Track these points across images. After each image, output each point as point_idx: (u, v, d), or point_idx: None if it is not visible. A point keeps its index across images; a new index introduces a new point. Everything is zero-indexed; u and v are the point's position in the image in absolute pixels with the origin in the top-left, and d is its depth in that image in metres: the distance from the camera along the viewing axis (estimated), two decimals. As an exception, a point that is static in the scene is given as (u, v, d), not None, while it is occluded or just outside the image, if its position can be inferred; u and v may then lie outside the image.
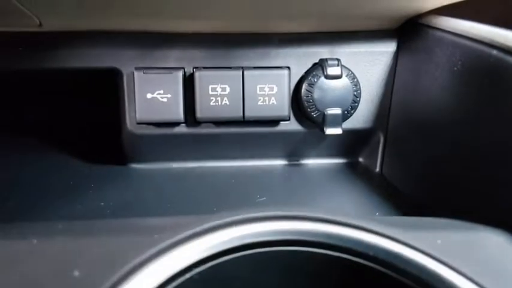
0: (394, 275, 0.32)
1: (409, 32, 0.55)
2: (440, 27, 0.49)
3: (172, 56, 0.55)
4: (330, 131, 0.55)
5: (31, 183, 0.56)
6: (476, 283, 0.30)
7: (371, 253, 0.33)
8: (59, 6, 0.48)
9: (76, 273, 0.28)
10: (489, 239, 0.35)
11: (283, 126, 0.58)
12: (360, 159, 0.63)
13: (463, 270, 0.31)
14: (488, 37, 0.41)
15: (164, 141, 0.58)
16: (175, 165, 0.61)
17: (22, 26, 0.52)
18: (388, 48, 0.57)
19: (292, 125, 0.58)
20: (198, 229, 0.32)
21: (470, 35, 0.44)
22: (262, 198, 0.54)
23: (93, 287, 0.27)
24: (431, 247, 0.33)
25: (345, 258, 0.33)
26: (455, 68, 0.45)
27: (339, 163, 0.63)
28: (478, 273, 0.31)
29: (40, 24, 0.51)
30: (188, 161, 0.61)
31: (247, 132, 0.58)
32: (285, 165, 0.62)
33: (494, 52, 0.40)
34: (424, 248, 0.32)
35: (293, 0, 0.47)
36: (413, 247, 0.33)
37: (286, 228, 0.34)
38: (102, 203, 0.52)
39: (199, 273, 0.30)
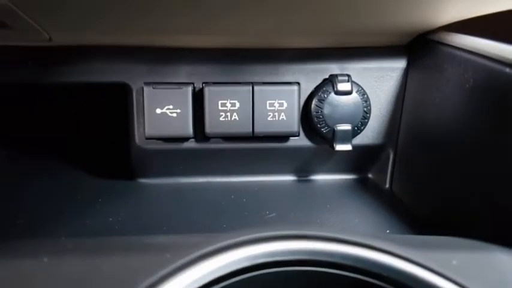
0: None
1: (419, 48, 0.55)
2: (451, 43, 0.49)
3: (182, 71, 0.55)
4: (339, 147, 0.55)
5: (40, 199, 0.56)
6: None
7: (384, 274, 0.32)
8: (68, 23, 0.48)
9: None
10: (504, 260, 0.34)
11: (293, 142, 0.57)
12: (370, 175, 0.63)
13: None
14: (500, 54, 0.41)
15: (173, 156, 0.58)
16: (184, 180, 0.61)
17: (32, 41, 0.52)
18: (398, 64, 0.57)
19: (301, 141, 0.58)
20: (209, 249, 0.32)
21: (482, 52, 0.43)
22: (272, 215, 0.53)
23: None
24: (446, 267, 0.32)
25: (359, 279, 0.32)
26: (467, 85, 0.45)
27: (348, 179, 0.63)
28: None
29: (50, 39, 0.52)
30: (197, 176, 0.61)
31: (256, 147, 0.57)
32: (294, 180, 0.62)
33: (507, 70, 0.39)
34: (439, 268, 0.32)
35: (303, 17, 0.47)
36: (428, 267, 0.32)
37: (299, 247, 0.33)
38: (111, 218, 0.52)
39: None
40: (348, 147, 0.55)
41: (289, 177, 0.62)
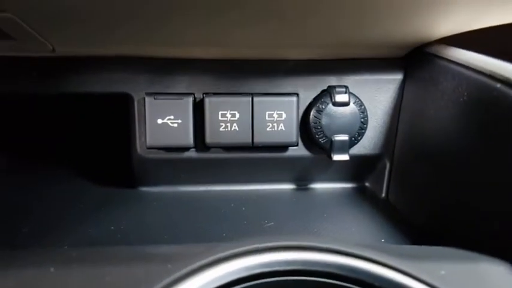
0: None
1: (416, 60, 0.56)
2: (446, 57, 0.50)
3: (183, 82, 0.56)
4: (337, 157, 0.56)
5: (44, 208, 0.57)
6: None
7: (377, 284, 0.33)
8: (72, 36, 0.49)
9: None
10: (492, 270, 0.35)
11: (291, 151, 0.59)
12: (366, 184, 0.64)
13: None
14: (492, 70, 0.42)
15: (174, 166, 0.59)
16: (185, 188, 0.62)
17: (36, 52, 0.53)
18: (395, 76, 0.58)
19: (300, 151, 0.59)
20: (208, 259, 0.33)
21: (475, 67, 0.45)
22: (270, 224, 0.54)
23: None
24: (435, 278, 0.33)
25: (353, 289, 0.34)
26: (461, 99, 0.46)
27: (345, 188, 0.64)
28: None
29: (53, 50, 0.53)
30: (197, 185, 0.62)
31: (255, 157, 0.58)
32: (293, 189, 0.63)
33: (498, 85, 0.40)
34: (428, 279, 0.33)
35: (304, 31, 0.48)
36: (417, 278, 0.33)
37: (294, 258, 0.34)
38: (113, 227, 0.53)
39: None
40: (345, 157, 0.56)
41: (288, 186, 0.63)
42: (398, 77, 0.58)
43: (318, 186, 0.64)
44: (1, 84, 0.56)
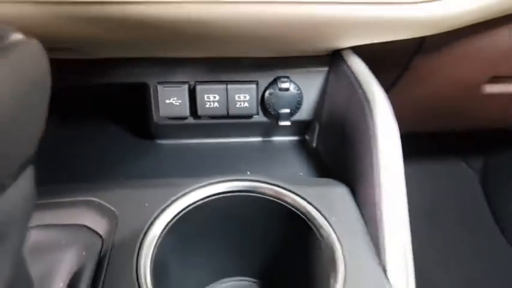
0: (281, 203, 0.66)
1: (334, 59, 0.85)
2: (347, 60, 0.79)
3: (181, 74, 0.86)
4: (282, 123, 0.87)
5: (85, 153, 0.89)
6: (319, 211, 0.63)
7: (272, 193, 0.67)
8: (101, 49, 0.78)
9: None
10: (337, 188, 0.68)
11: (254, 119, 0.89)
12: (306, 137, 0.96)
13: (317, 206, 0.64)
14: (361, 78, 0.72)
15: (178, 128, 0.91)
16: (185, 141, 0.94)
17: (73, 55, 0.82)
18: (322, 68, 0.87)
19: (259, 118, 0.89)
20: (197, 185, 0.66)
21: (354, 73, 0.74)
22: (241, 165, 0.87)
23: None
24: (309, 194, 0.66)
25: (264, 198, 0.67)
26: (343, 91, 0.76)
27: (291, 140, 0.96)
28: (323, 206, 0.64)
29: (88, 54, 0.82)
30: (193, 139, 0.94)
31: (231, 122, 0.90)
32: (256, 141, 0.95)
33: (360, 91, 0.70)
34: (305, 195, 0.66)
35: (259, 47, 0.78)
36: (295, 193, 0.66)
37: (238, 184, 0.68)
38: (138, 161, 0.86)
39: (196, 206, 0.64)
40: (287, 123, 0.87)
41: (252, 139, 0.95)
42: (324, 69, 0.87)
43: (272, 139, 0.95)
44: (55, 78, 0.85)
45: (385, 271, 0.60)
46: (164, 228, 0.61)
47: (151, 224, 0.61)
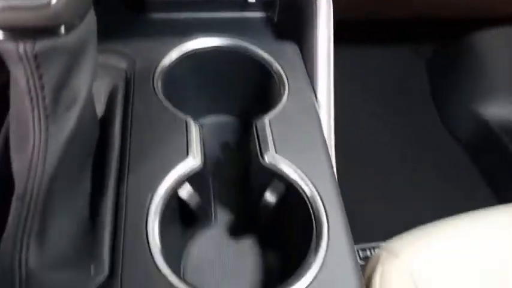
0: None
1: None
2: None
3: None
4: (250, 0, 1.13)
5: None
6: (276, 60, 0.92)
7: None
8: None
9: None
10: (289, 46, 0.97)
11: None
12: (269, 14, 1.22)
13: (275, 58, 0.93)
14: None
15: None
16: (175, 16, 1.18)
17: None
18: None
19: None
20: (196, 37, 0.93)
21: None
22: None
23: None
24: (264, 48, 0.95)
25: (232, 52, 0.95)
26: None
27: (257, 15, 1.21)
28: (278, 57, 0.94)
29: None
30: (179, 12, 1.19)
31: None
32: (228, 16, 1.20)
33: None
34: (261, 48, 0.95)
35: None
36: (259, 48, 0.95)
37: (219, 42, 0.95)
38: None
39: (196, 52, 0.92)
40: (253, 0, 1.13)
41: (225, 14, 1.20)
42: None
43: (242, 14, 1.21)
44: None
45: (316, 96, 0.91)
46: (173, 61, 0.89)
47: (163, 59, 0.89)
